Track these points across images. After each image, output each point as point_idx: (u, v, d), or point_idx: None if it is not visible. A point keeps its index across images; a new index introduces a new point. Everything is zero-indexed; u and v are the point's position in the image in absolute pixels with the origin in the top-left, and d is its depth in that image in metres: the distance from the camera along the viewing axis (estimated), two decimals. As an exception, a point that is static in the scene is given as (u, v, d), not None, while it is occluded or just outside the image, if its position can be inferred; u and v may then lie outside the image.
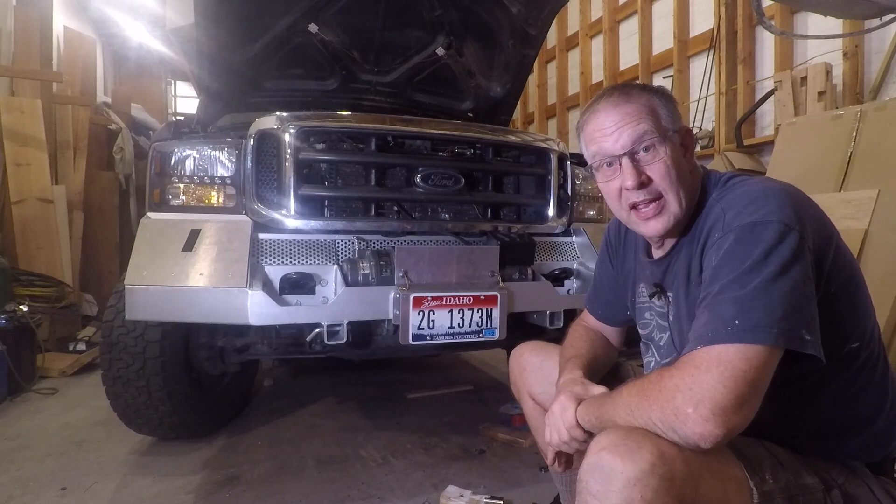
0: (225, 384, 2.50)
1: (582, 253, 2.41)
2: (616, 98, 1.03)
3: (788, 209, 0.88)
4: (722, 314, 0.83)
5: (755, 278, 0.83)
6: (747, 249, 0.86)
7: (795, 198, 0.92)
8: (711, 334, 0.83)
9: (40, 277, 3.99)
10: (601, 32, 6.68)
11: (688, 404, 0.78)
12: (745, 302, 0.82)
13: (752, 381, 0.79)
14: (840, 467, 0.96)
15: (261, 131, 2.02)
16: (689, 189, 1.03)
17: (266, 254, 1.99)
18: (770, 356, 0.81)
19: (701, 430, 0.78)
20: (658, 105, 1.02)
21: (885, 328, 2.52)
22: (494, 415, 2.58)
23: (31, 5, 4.77)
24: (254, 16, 2.54)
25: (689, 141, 1.06)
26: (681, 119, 1.05)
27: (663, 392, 0.82)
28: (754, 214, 0.88)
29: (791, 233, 0.85)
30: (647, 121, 1.00)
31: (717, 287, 0.87)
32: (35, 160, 4.27)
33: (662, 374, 0.85)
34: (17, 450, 2.32)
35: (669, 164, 1.00)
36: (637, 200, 1.02)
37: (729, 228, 0.90)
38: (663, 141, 1.00)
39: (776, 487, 0.87)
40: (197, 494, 1.92)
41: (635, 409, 0.85)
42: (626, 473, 0.78)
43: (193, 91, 5.27)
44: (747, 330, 0.80)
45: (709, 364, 0.80)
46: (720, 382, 0.78)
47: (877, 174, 2.84)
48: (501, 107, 3.29)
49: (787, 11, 4.33)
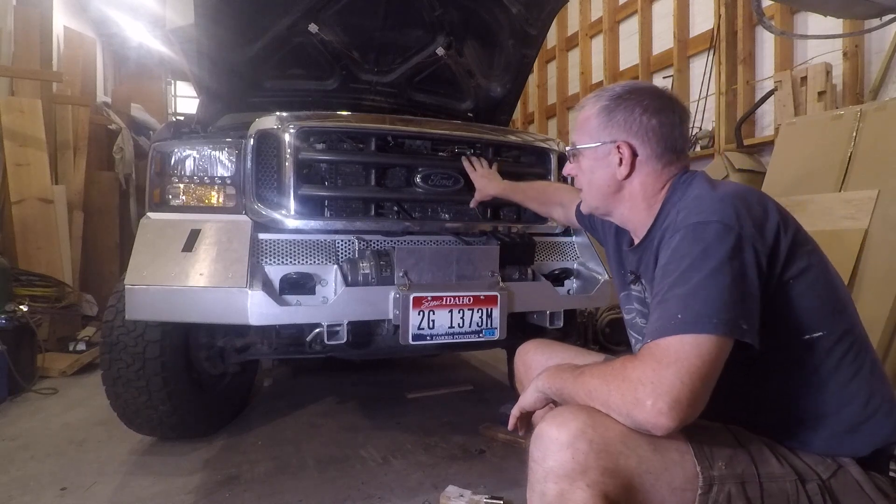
0: (225, 384, 2.50)
1: (582, 253, 2.41)
2: (582, 103, 1.22)
3: (730, 209, 0.95)
4: (668, 309, 0.91)
5: (695, 274, 0.91)
6: (689, 248, 0.94)
7: (742, 198, 0.99)
8: (660, 328, 0.90)
9: (40, 277, 3.99)
10: (601, 32, 6.68)
11: (648, 397, 0.85)
12: (689, 297, 0.90)
13: (705, 376, 0.85)
14: (829, 462, 0.97)
15: (261, 131, 2.02)
16: (610, 196, 1.18)
17: (266, 254, 1.99)
18: (719, 348, 0.87)
19: (655, 421, 0.84)
20: (595, 118, 1.16)
21: (886, 328, 2.52)
22: (494, 415, 2.57)
23: (31, 5, 4.77)
24: (254, 16, 2.54)
25: (628, 155, 1.13)
26: (627, 130, 1.13)
27: (625, 382, 0.88)
28: (699, 216, 0.97)
29: (730, 232, 0.92)
30: (579, 132, 1.20)
31: (666, 285, 0.94)
32: (35, 160, 4.27)
33: (626, 363, 0.91)
34: (17, 450, 2.32)
35: (581, 174, 1.23)
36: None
37: (677, 229, 0.99)
38: (578, 154, 1.21)
39: (728, 473, 0.91)
40: (197, 494, 1.92)
41: (594, 391, 0.93)
42: (560, 439, 0.87)
43: (193, 91, 5.27)
44: (689, 321, 0.87)
45: (668, 359, 0.86)
46: (679, 378, 0.84)
47: (877, 174, 2.84)
48: (501, 107, 3.29)
49: (787, 11, 4.33)
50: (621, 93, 1.14)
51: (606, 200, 1.20)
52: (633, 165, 1.13)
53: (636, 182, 1.15)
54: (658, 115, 1.11)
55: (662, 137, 1.12)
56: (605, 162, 1.15)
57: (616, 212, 1.21)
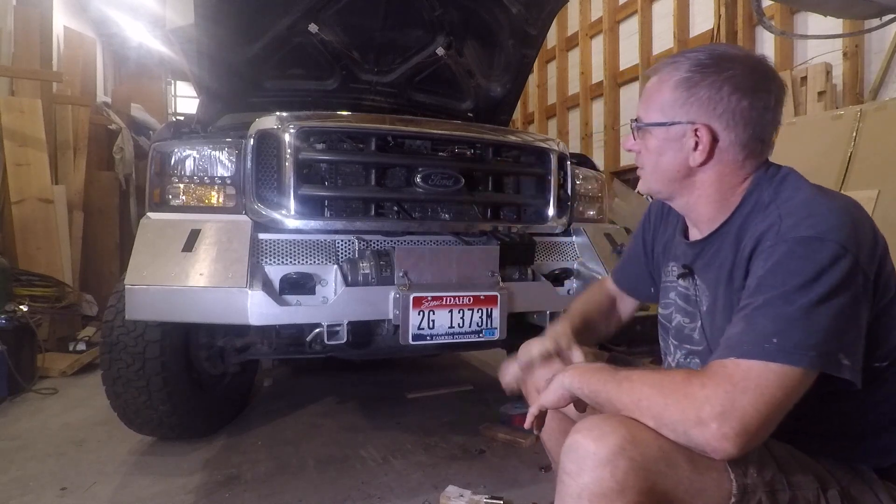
0: (225, 384, 2.50)
1: (582, 253, 2.41)
2: (657, 67, 1.03)
3: (848, 229, 0.84)
4: (762, 329, 0.81)
5: (801, 298, 0.80)
6: (799, 266, 0.82)
7: (856, 216, 0.88)
8: (747, 347, 0.80)
9: (40, 277, 3.99)
10: (601, 32, 6.69)
11: (714, 420, 0.77)
12: (788, 321, 0.80)
13: (782, 408, 0.79)
14: (846, 469, 0.95)
15: (261, 131, 2.02)
16: (676, 183, 1.02)
17: (266, 254, 1.99)
18: (804, 379, 0.79)
19: (717, 445, 0.77)
20: (668, 88, 0.98)
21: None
22: (494, 415, 2.58)
23: (31, 5, 4.78)
24: (254, 16, 2.54)
25: (707, 140, 0.96)
26: (708, 111, 0.95)
27: (689, 398, 0.80)
28: (812, 229, 0.84)
29: (846, 255, 0.82)
30: (648, 104, 1.02)
31: (762, 299, 0.83)
32: (35, 160, 4.27)
33: (691, 378, 0.82)
34: (17, 450, 2.32)
35: (646, 152, 1.04)
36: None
37: (783, 238, 0.86)
38: (645, 131, 1.02)
39: (759, 481, 0.86)
40: (197, 494, 1.92)
41: (645, 400, 0.84)
42: (597, 454, 0.80)
43: (193, 91, 5.27)
44: (785, 350, 0.78)
45: (746, 384, 0.78)
46: (754, 407, 0.77)
47: (877, 174, 2.85)
48: (501, 107, 3.29)
49: (787, 11, 4.33)
50: (707, 61, 0.95)
51: (672, 186, 1.03)
52: (710, 153, 0.96)
53: (712, 171, 0.98)
54: (751, 95, 0.93)
55: (751, 123, 0.94)
56: (679, 145, 0.98)
57: (681, 199, 1.05)
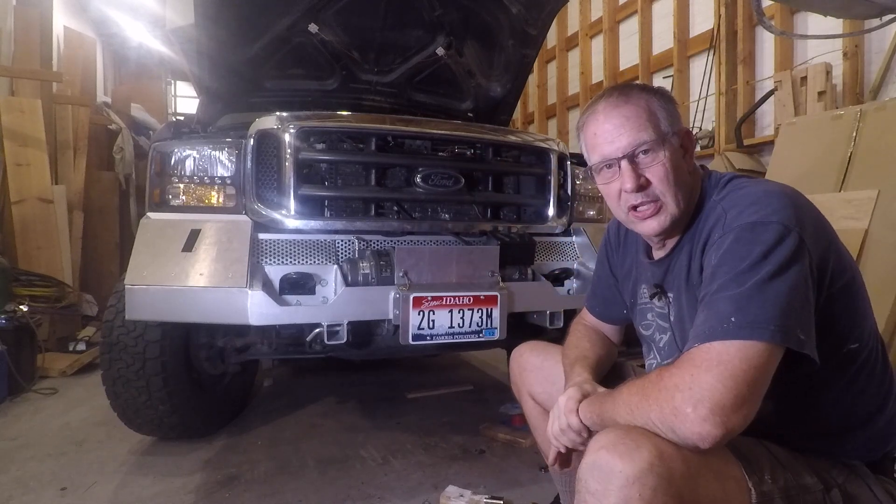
0: (225, 384, 2.50)
1: (582, 253, 2.41)
2: (615, 99, 1.02)
3: (789, 210, 0.88)
4: (719, 311, 0.83)
5: (753, 277, 0.83)
6: (746, 248, 0.86)
7: (796, 200, 0.92)
8: (709, 332, 0.83)
9: (40, 277, 3.99)
10: (601, 32, 6.68)
11: (687, 404, 0.78)
12: (743, 299, 0.82)
13: (752, 381, 0.78)
14: (840, 467, 0.96)
15: (261, 131, 2.02)
16: (688, 190, 1.03)
17: (266, 254, 1.99)
18: (769, 355, 0.80)
19: (699, 430, 0.77)
20: (657, 106, 1.01)
21: (886, 328, 2.52)
22: (494, 415, 2.58)
23: (31, 5, 4.77)
24: (254, 16, 2.54)
25: (689, 142, 1.06)
26: (680, 120, 1.05)
27: (662, 391, 0.82)
28: (755, 215, 0.89)
29: (790, 234, 0.85)
30: (645, 123, 0.99)
31: (716, 286, 0.87)
32: (35, 160, 4.27)
33: (662, 373, 0.85)
34: (17, 450, 2.32)
35: (668, 167, 1.00)
36: (636, 203, 1.02)
37: (729, 228, 0.91)
38: (662, 144, 1.00)
39: (775, 488, 0.87)
40: (197, 494, 1.92)
41: (635, 408, 0.85)
42: (624, 472, 0.77)
43: (193, 91, 5.27)
44: (743, 326, 0.80)
45: (709, 363, 0.79)
46: (719, 382, 0.78)
47: (877, 174, 2.84)
48: (501, 107, 3.29)
49: (787, 11, 4.33)
50: (644, 86, 1.07)
51: (689, 200, 1.04)
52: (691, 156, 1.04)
53: (694, 176, 1.06)
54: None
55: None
56: (680, 153, 1.03)
57: (685, 216, 1.06)
